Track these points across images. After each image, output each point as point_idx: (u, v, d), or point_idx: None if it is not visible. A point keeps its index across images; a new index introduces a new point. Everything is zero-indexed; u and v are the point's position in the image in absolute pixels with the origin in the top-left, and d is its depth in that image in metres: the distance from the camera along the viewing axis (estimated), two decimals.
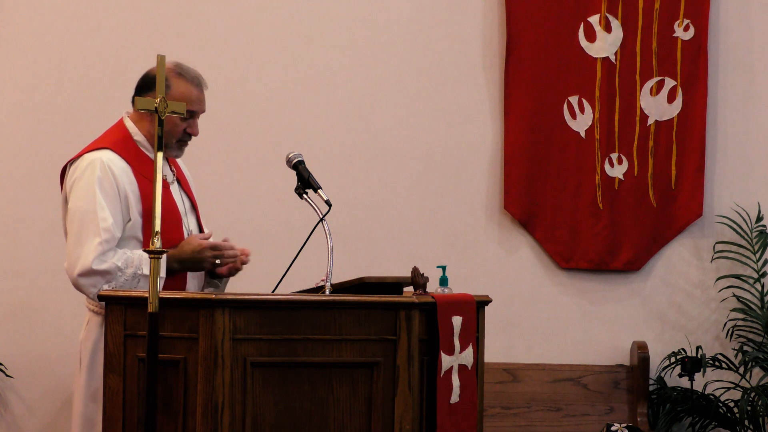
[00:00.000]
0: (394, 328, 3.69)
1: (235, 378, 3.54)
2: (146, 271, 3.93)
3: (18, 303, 5.82)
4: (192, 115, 4.18)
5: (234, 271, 4.29)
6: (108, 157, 4.07)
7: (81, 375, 4.10)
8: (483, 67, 5.98)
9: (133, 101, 4.20)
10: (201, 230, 4.39)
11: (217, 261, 4.13)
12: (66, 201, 4.11)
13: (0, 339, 5.81)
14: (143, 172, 4.09)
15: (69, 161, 4.15)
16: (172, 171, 4.33)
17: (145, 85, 4.17)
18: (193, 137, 4.24)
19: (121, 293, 3.77)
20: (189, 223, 4.30)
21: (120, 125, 4.22)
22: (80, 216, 4.00)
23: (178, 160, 4.40)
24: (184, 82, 4.17)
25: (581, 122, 5.95)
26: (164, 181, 4.21)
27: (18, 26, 5.88)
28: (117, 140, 4.14)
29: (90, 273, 3.94)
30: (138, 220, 4.07)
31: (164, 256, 3.95)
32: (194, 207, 4.38)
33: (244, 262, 4.28)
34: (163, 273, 3.99)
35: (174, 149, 4.22)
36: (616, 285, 5.97)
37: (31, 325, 5.83)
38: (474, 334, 3.97)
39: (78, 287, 3.99)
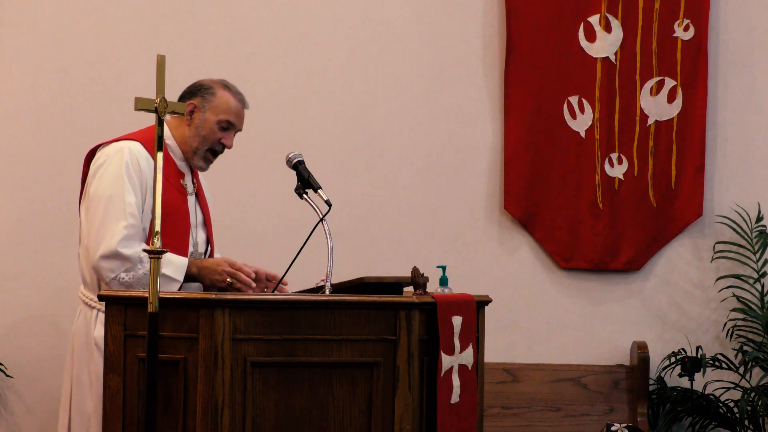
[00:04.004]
0: (394, 328, 3.69)
1: (235, 378, 3.54)
2: (164, 270, 3.94)
3: (18, 304, 5.81)
4: (229, 126, 4.25)
5: None
6: (136, 148, 4.14)
7: (72, 367, 4.11)
8: (483, 67, 5.97)
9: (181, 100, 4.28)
10: (210, 245, 4.40)
11: (229, 280, 4.11)
12: (87, 184, 4.14)
13: (0, 339, 5.81)
14: (165, 174, 4.10)
15: (97, 145, 4.18)
16: (193, 183, 4.38)
17: (189, 93, 4.29)
18: (226, 150, 4.29)
19: (121, 293, 3.78)
20: (197, 236, 4.32)
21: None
22: (107, 199, 4.03)
23: (201, 175, 4.43)
24: (229, 93, 4.30)
25: (581, 122, 5.95)
26: (183, 189, 4.28)
27: (19, 27, 5.87)
28: (149, 138, 4.18)
29: (113, 255, 3.96)
30: (148, 215, 4.09)
31: (186, 259, 4.00)
32: (206, 222, 4.40)
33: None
34: (180, 277, 4.02)
35: (200, 159, 4.27)
36: (616, 285, 5.97)
37: (31, 325, 5.82)
38: (474, 334, 3.97)
39: (97, 270, 3.99)
